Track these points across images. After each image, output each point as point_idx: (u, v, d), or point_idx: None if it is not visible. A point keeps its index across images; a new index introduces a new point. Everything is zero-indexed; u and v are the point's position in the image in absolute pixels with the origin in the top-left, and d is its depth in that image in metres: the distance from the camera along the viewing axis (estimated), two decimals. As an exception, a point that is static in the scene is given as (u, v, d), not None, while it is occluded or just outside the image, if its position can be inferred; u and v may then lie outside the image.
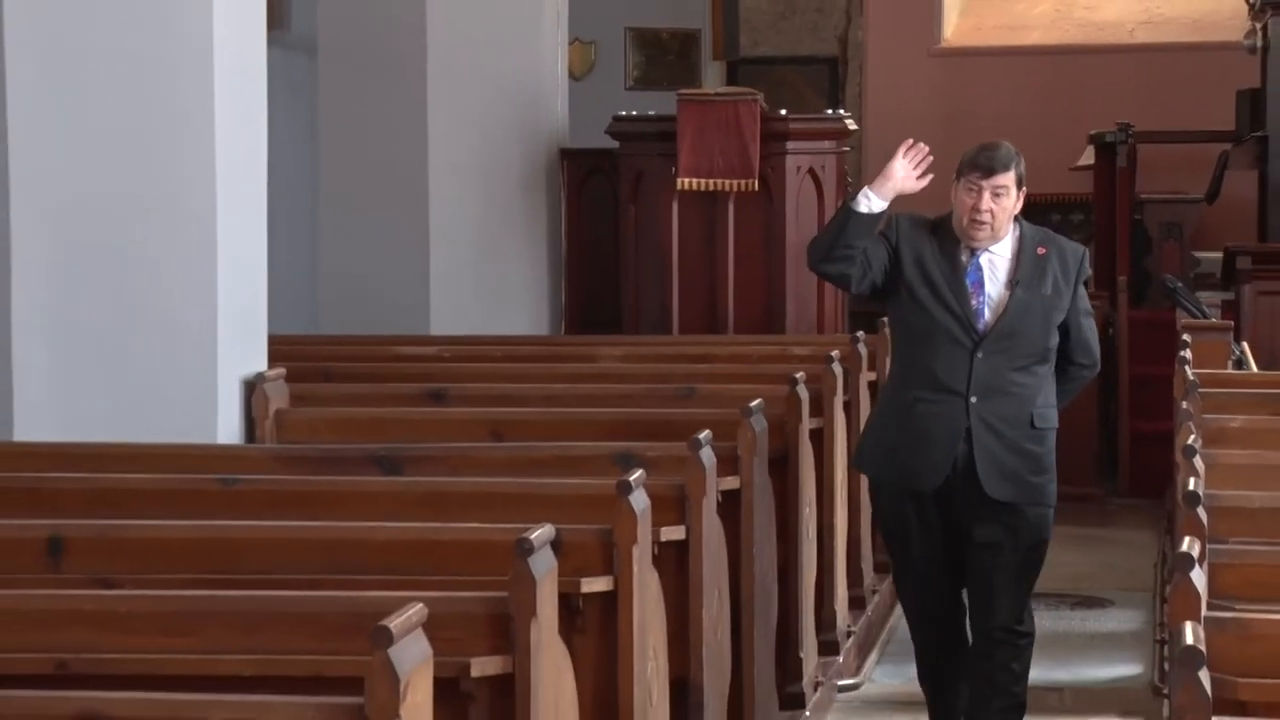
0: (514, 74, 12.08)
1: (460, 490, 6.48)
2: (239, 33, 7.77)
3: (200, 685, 4.32)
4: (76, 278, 7.41)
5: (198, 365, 7.64)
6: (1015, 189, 6.59)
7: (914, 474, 6.73)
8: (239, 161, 7.81)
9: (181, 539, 5.79)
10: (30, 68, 7.29)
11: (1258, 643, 4.53)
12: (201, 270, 7.62)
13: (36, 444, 7.21)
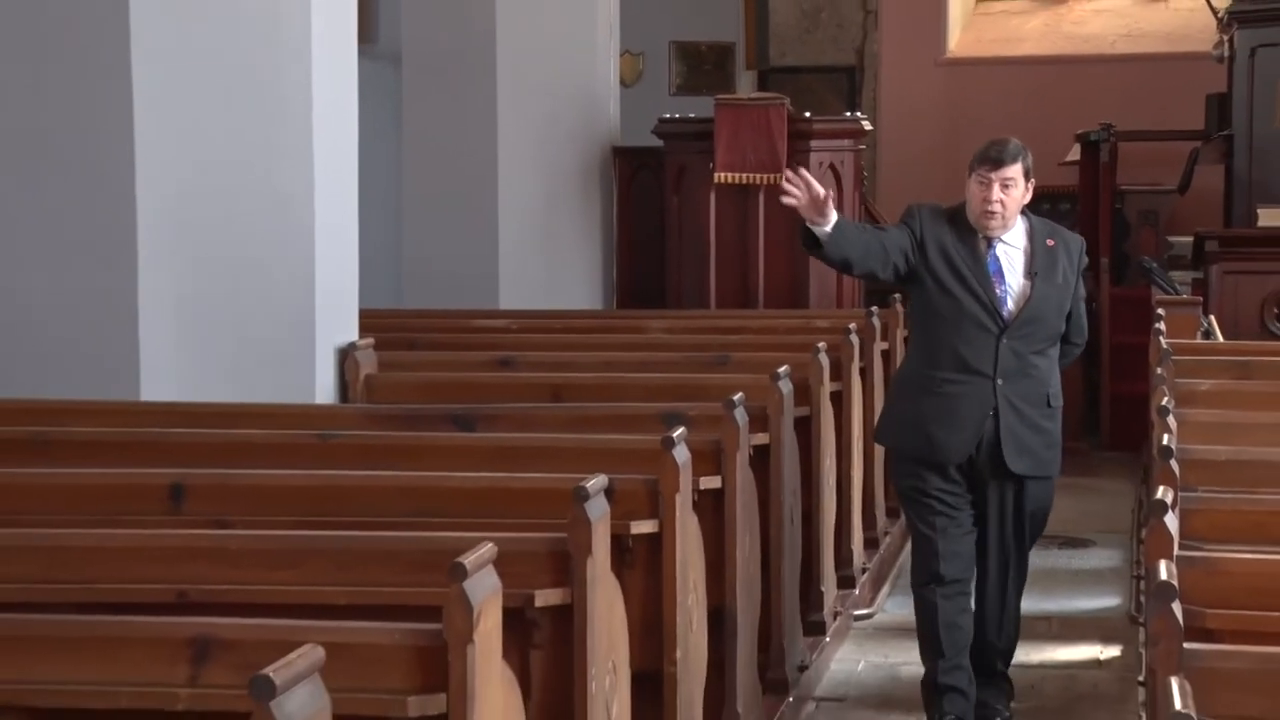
0: (572, 82, 12.06)
1: (525, 445, 6.49)
2: (334, 46, 7.78)
3: (300, 613, 4.32)
4: (194, 258, 7.42)
5: (298, 335, 7.65)
6: (1023, 181, 6.48)
7: (941, 449, 6.61)
8: (333, 158, 7.82)
9: (285, 486, 5.81)
10: (155, 76, 7.29)
11: (1223, 578, 4.53)
12: (300, 252, 7.64)
13: (160, 403, 7.23)
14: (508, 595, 4.28)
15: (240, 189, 7.51)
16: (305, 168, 7.60)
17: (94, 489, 5.79)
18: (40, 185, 7.43)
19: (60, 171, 7.39)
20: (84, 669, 4.08)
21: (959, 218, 6.58)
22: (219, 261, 7.51)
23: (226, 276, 7.52)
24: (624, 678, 5.12)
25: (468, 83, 11.70)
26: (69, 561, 4.95)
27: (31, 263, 7.45)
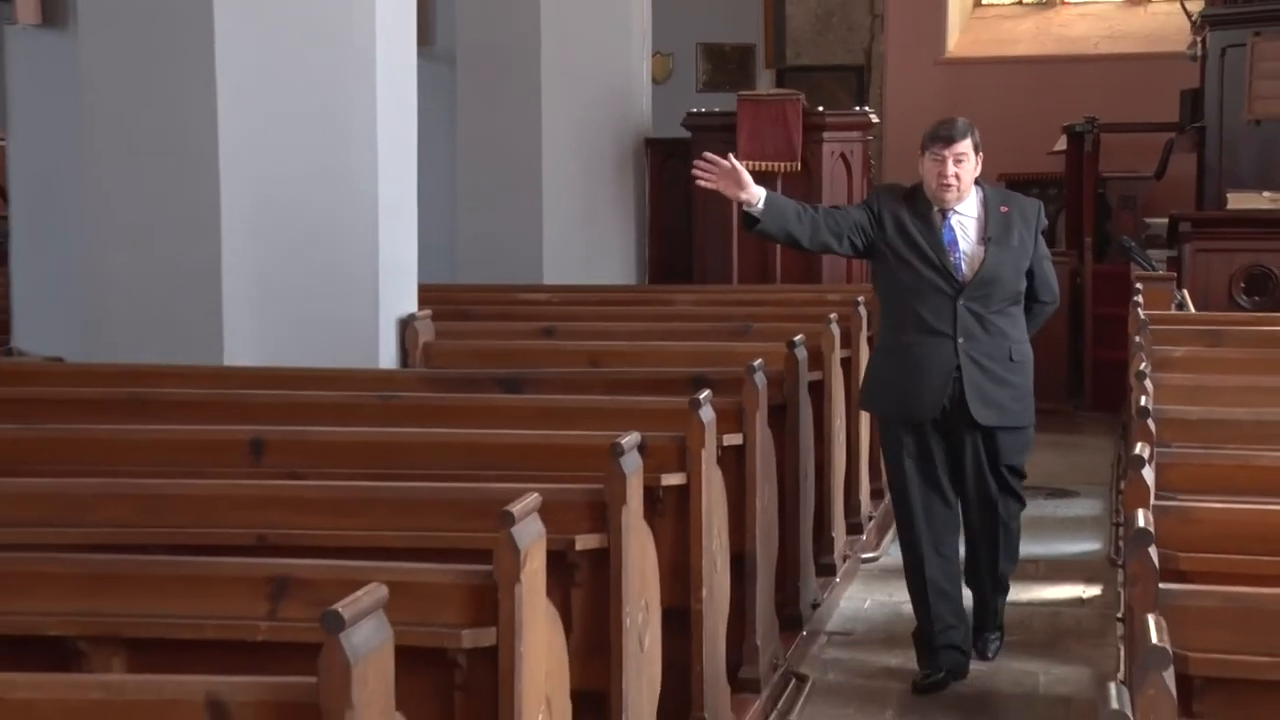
0: (609, 79, 12.04)
1: (566, 406, 6.49)
2: (396, 49, 7.79)
3: (365, 555, 4.35)
4: (270, 239, 7.45)
5: (363, 307, 7.67)
6: (973, 154, 6.38)
7: (913, 408, 6.53)
8: (395, 149, 7.83)
9: (352, 442, 5.83)
10: (237, 77, 7.32)
11: (1194, 525, 4.54)
12: (366, 233, 7.65)
13: (241, 367, 7.25)
14: (551, 540, 4.31)
15: (312, 177, 7.52)
16: (370, 158, 7.62)
17: (183, 444, 5.83)
18: (138, 175, 7.47)
19: (155, 162, 7.43)
20: (175, 604, 4.11)
21: (917, 194, 6.47)
22: (293, 242, 7.52)
23: (299, 255, 7.54)
24: (655, 614, 5.14)
25: (515, 81, 11.70)
26: (162, 508, 4.98)
27: (129, 244, 7.50)
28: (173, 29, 7.40)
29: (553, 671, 4.26)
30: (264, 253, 7.50)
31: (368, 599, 3.35)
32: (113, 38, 7.52)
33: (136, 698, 3.33)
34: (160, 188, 7.44)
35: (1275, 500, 4.84)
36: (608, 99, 12.10)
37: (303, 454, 5.70)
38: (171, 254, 7.45)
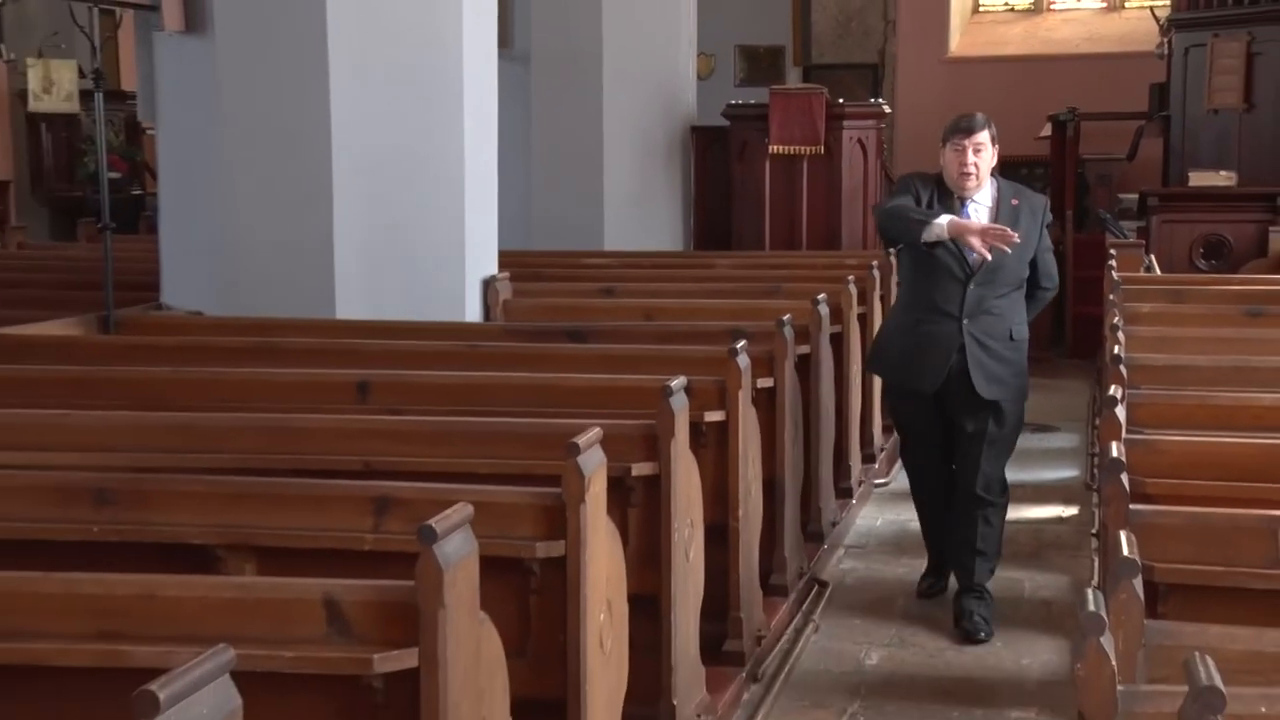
0: (660, 77, 12.01)
1: (624, 354, 6.49)
2: (479, 50, 7.80)
3: (454, 479, 4.35)
4: (375, 211, 7.48)
5: (452, 269, 7.70)
6: (990, 145, 6.12)
7: (918, 379, 6.27)
8: (478, 136, 7.84)
9: (443, 383, 5.84)
10: (345, 71, 7.34)
11: (1160, 455, 4.54)
12: (454, 207, 7.68)
13: (350, 320, 7.27)
14: (611, 467, 4.31)
15: (409, 159, 7.55)
16: (457, 143, 7.64)
17: (302, 385, 5.86)
18: (264, 159, 7.51)
19: (278, 148, 7.47)
20: (296, 519, 4.14)
21: (939, 183, 6.20)
22: (392, 215, 7.55)
23: (398, 226, 7.56)
24: (699, 530, 5.15)
25: (580, 79, 11.69)
26: (284, 439, 5.01)
27: (257, 216, 7.55)
28: (293, 35, 7.43)
29: (612, 578, 4.27)
30: (369, 224, 7.53)
31: (457, 516, 3.36)
32: (243, 42, 7.55)
33: (265, 596, 3.35)
34: (283, 169, 7.48)
35: (1230, 434, 4.84)
36: (659, 94, 12.07)
37: (402, 394, 5.72)
38: (292, 224, 7.49)
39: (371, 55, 7.49)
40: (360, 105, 7.49)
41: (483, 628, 3.42)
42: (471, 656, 3.35)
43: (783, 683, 5.84)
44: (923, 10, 17.51)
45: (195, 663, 2.40)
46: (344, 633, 3.28)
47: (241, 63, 7.56)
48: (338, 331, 7.04)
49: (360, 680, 3.24)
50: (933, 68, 17.19)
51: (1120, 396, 4.94)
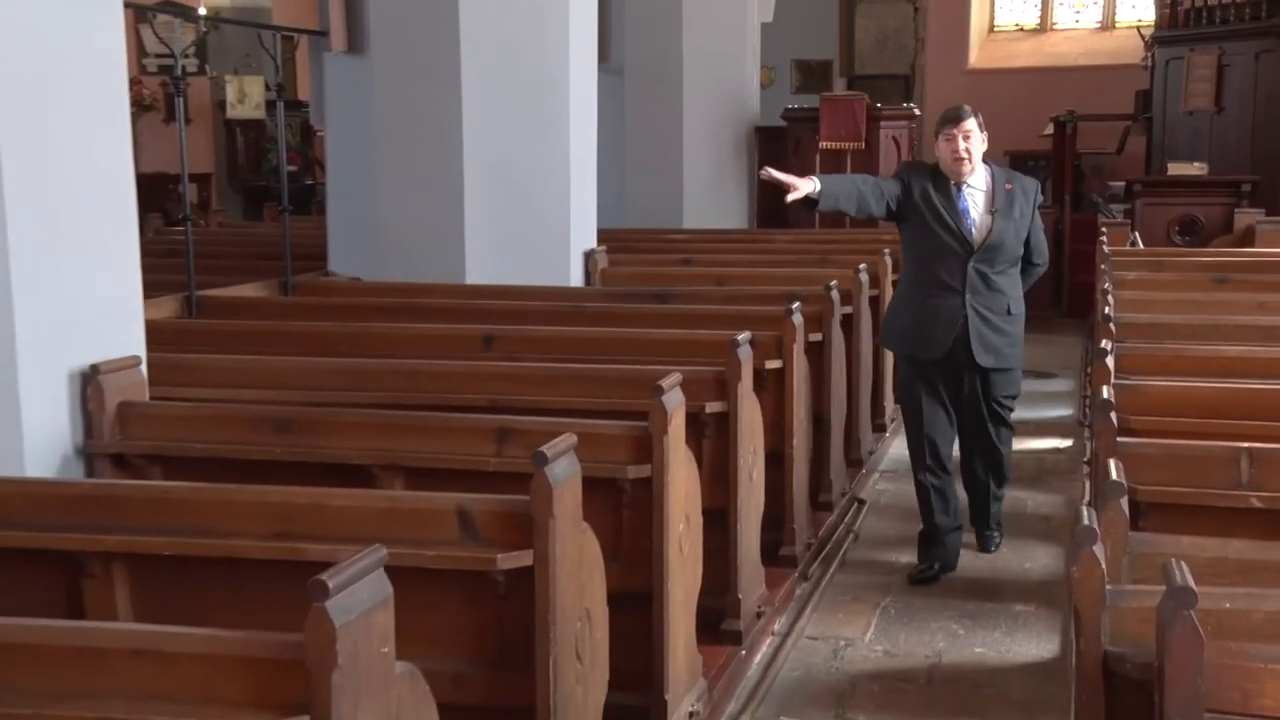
0: (730, 85, 11.95)
1: (699, 313, 6.47)
2: (582, 64, 7.79)
3: (561, 414, 4.35)
4: (497, 194, 7.52)
5: (560, 243, 7.72)
6: (978, 131, 5.58)
7: (924, 349, 5.72)
8: (581, 134, 7.83)
9: (553, 336, 5.84)
10: (474, 80, 7.37)
11: (1143, 396, 4.49)
12: (560, 192, 7.69)
13: (478, 285, 7.30)
14: (689, 405, 4.31)
15: (525, 153, 7.57)
16: (564, 140, 7.65)
17: (439, 337, 5.88)
18: (409, 154, 7.56)
19: (421, 145, 7.51)
20: (435, 444, 4.16)
21: (936, 171, 5.72)
22: (511, 198, 7.58)
23: (516, 207, 7.60)
24: (760, 456, 5.13)
25: (665, 87, 11.64)
26: (425, 381, 5.03)
27: (403, 199, 7.59)
28: (433, 54, 7.45)
29: (689, 495, 4.27)
30: (492, 205, 7.57)
31: (563, 444, 3.38)
32: (393, 60, 7.58)
33: (410, 507, 3.38)
34: (424, 162, 7.52)
35: (1201, 380, 4.79)
36: (728, 100, 12.01)
37: (519, 344, 5.73)
38: (431, 206, 7.53)
39: (495, 69, 7.51)
40: (486, 109, 7.52)
41: (584, 534, 3.44)
42: (575, 557, 3.37)
43: (828, 581, 5.84)
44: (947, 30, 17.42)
45: (355, 559, 2.42)
46: (473, 537, 3.31)
47: (392, 76, 7.59)
48: (467, 294, 7.05)
49: (486, 575, 3.27)
50: (955, 77, 17.06)
51: (1109, 348, 4.95)
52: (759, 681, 4.77)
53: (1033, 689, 4.79)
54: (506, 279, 7.42)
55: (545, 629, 3.26)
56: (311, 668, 2.32)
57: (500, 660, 3.33)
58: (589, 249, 8.06)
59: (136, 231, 4.43)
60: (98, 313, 4.25)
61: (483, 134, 7.54)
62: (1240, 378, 4.85)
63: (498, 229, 7.60)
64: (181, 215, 7.35)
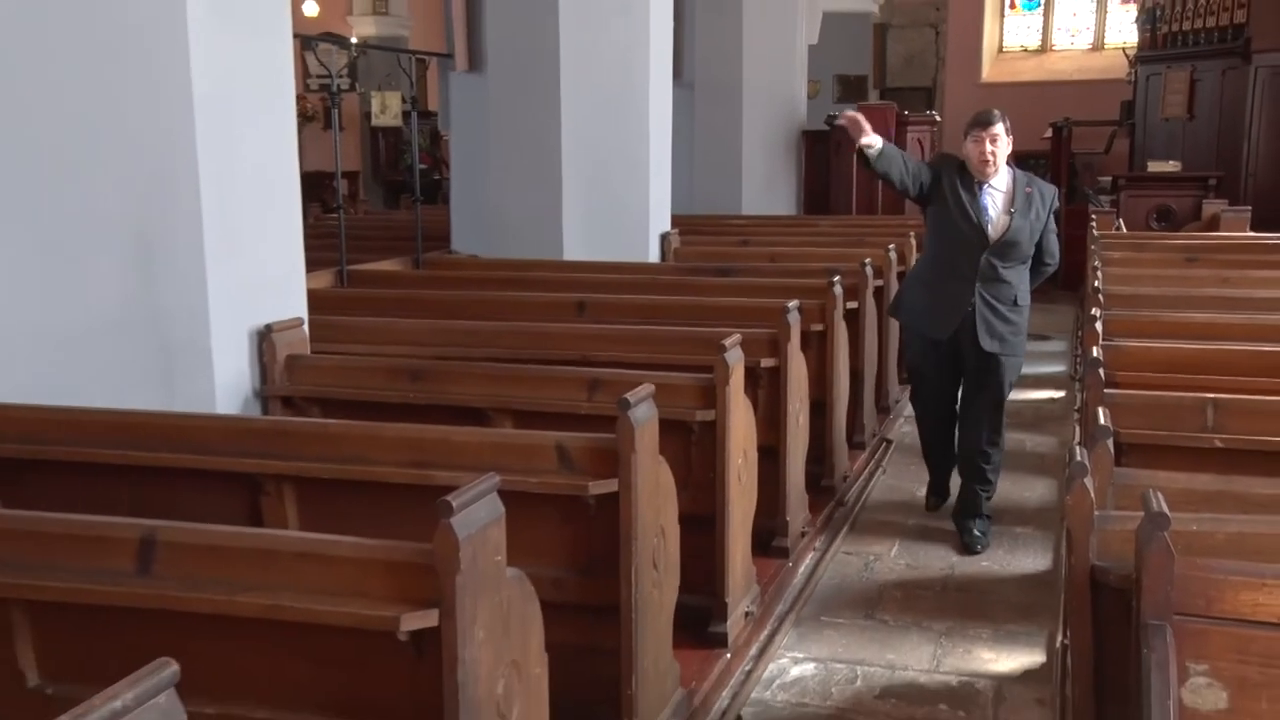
0: (782, 95, 11.81)
1: (756, 285, 6.41)
2: (660, 79, 7.74)
3: (642, 367, 4.34)
4: (590, 185, 7.52)
5: (640, 227, 7.70)
6: (1005, 136, 5.12)
7: (932, 328, 5.29)
8: (659, 139, 7.79)
9: (634, 303, 5.80)
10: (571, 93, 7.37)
11: (1127, 355, 4.42)
12: (641, 184, 7.65)
13: (573, 260, 7.30)
14: (747, 361, 4.29)
15: (612, 151, 7.55)
16: (644, 141, 7.62)
17: (541, 304, 5.88)
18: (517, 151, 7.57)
19: (525, 143, 7.52)
20: (539, 392, 4.17)
21: (963, 167, 5.22)
22: (600, 190, 7.57)
23: (604, 198, 7.58)
24: (805, 404, 5.10)
25: (728, 98, 11.53)
26: (530, 339, 5.04)
27: (513, 191, 7.61)
28: (537, 71, 7.44)
29: (747, 434, 4.26)
30: (585, 196, 7.56)
31: (643, 392, 3.38)
32: (505, 77, 7.57)
33: (518, 442, 3.40)
34: (530, 160, 7.52)
35: (1174, 341, 4.72)
36: (781, 107, 11.89)
37: (607, 310, 5.71)
38: (535, 196, 7.53)
39: (588, 83, 7.49)
40: (580, 116, 7.52)
41: (660, 467, 3.44)
42: (652, 485, 3.37)
43: (860, 507, 5.82)
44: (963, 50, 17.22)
45: (474, 484, 2.44)
46: (569, 467, 3.32)
47: (504, 90, 7.59)
48: (564, 268, 7.05)
49: (579, 499, 3.28)
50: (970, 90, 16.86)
51: (1098, 315, 4.87)
52: (802, 588, 4.77)
53: (1029, 595, 4.76)
54: (596, 256, 7.42)
55: (628, 543, 3.28)
56: (439, 571, 2.35)
57: (590, 568, 3.35)
58: (664, 231, 8.01)
59: (300, 218, 4.48)
60: (270, 283, 4.30)
61: (577, 137, 7.52)
62: (1207, 340, 4.78)
63: (589, 214, 7.59)
64: (335, 205, 7.41)
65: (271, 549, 2.52)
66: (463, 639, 2.35)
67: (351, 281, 6.84)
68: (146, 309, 3.89)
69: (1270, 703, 2.16)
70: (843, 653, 4.22)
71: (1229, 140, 12.34)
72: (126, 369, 3.88)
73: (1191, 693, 2.18)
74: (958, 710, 3.79)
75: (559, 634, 2.75)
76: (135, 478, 3.51)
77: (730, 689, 3.88)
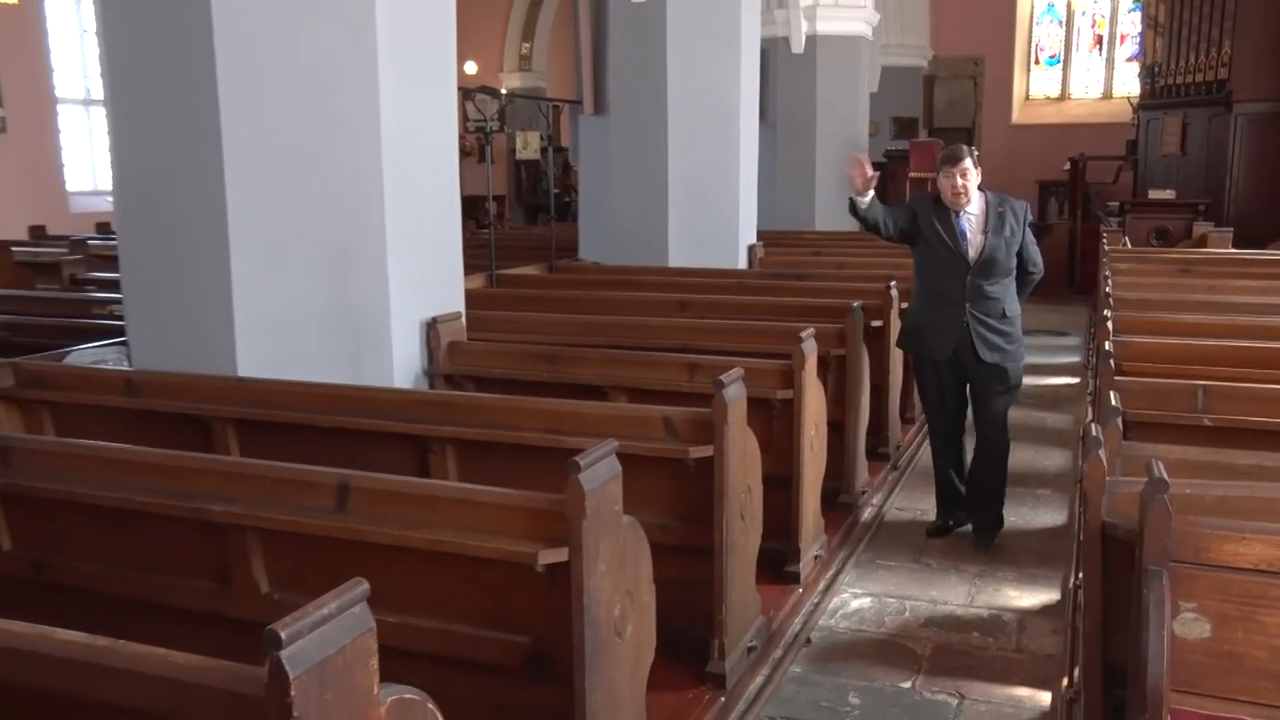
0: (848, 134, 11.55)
1: (826, 288, 6.30)
2: (748, 119, 7.70)
3: (732, 354, 4.29)
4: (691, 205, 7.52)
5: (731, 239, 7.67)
6: (974, 169, 4.47)
7: (932, 350, 4.54)
8: (747, 165, 7.74)
9: (726, 302, 5.75)
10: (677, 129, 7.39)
11: (1135, 349, 4.29)
12: (732, 203, 7.62)
13: (676, 267, 7.26)
14: (819, 350, 4.21)
15: (710, 177, 7.53)
16: (735, 169, 7.60)
17: (649, 302, 5.84)
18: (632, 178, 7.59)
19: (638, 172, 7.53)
20: (647, 374, 4.15)
21: (938, 201, 4.56)
22: (700, 208, 7.54)
23: (701, 214, 7.54)
24: (867, 385, 4.96)
25: (804, 135, 11.33)
26: (641, 331, 5.01)
27: (628, 210, 7.61)
28: (649, 114, 7.45)
29: (819, 411, 4.19)
30: (686, 213, 7.54)
31: (735, 374, 3.34)
32: (623, 118, 7.57)
33: (631, 415, 3.38)
34: (642, 185, 7.53)
35: (1172, 338, 4.56)
36: (847, 142, 11.65)
37: (706, 307, 5.67)
38: (645, 215, 7.52)
39: (690, 123, 7.46)
40: (683, 149, 7.49)
41: (748, 436, 3.40)
42: (741, 450, 3.34)
43: (910, 471, 5.70)
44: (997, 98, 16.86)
45: (597, 447, 2.43)
46: (674, 436, 3.30)
47: (622, 129, 7.58)
48: (669, 274, 7.00)
49: (681, 461, 3.26)
50: (1003, 130, 16.49)
51: (1109, 315, 4.75)
52: (861, 537, 4.70)
53: (1048, 545, 4.62)
54: (695, 263, 7.37)
55: (721, 498, 3.24)
56: (569, 517, 2.35)
57: (690, 517, 3.32)
58: (751, 243, 7.92)
59: (460, 232, 4.51)
60: (436, 284, 4.34)
61: (681, 166, 7.50)
62: (1198, 337, 4.64)
63: (690, 229, 7.55)
64: (487, 222, 7.51)
65: (436, 495, 2.54)
66: (587, 571, 2.35)
67: (499, 283, 6.90)
68: (342, 303, 3.96)
69: (1245, 633, 2.20)
70: (894, 589, 4.14)
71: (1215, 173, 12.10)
72: (325, 350, 3.95)
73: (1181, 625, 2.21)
74: (987, 637, 3.72)
75: (664, 570, 2.73)
76: (333, 436, 3.58)
77: (801, 617, 3.84)
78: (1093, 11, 16.84)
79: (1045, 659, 3.56)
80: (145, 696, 1.56)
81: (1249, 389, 3.61)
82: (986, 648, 3.64)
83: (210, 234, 3.76)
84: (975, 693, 3.32)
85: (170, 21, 3.71)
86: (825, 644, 3.66)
